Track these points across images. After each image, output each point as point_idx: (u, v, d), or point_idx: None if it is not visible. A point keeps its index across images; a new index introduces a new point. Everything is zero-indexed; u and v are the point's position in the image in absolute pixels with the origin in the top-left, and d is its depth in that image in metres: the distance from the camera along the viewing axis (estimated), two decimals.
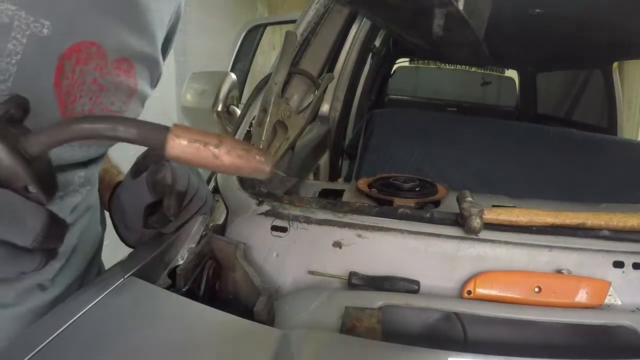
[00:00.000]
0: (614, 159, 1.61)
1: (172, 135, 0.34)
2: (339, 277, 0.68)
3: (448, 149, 1.62)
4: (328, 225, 0.71)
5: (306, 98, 0.99)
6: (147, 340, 0.47)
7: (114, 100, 0.56)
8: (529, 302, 0.63)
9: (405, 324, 0.62)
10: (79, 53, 0.49)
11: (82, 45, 0.49)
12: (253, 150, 0.35)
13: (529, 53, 2.66)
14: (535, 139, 1.69)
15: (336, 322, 0.55)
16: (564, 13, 1.60)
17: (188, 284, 0.62)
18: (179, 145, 0.34)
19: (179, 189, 0.55)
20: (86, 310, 0.48)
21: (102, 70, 0.52)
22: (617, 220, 0.68)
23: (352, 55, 1.72)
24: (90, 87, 0.52)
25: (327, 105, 1.69)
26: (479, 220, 0.67)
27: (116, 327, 0.48)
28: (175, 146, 0.34)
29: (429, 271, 0.68)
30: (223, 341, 0.48)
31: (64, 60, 0.48)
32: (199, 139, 0.34)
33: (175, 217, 0.57)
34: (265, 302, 0.55)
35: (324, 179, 1.65)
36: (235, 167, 0.35)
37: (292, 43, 0.86)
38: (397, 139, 1.67)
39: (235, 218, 0.76)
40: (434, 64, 3.94)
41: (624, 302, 0.64)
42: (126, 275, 0.55)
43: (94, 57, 0.51)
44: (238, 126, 0.93)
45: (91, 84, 0.52)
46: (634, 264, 0.66)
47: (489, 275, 0.65)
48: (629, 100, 3.80)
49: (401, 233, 0.70)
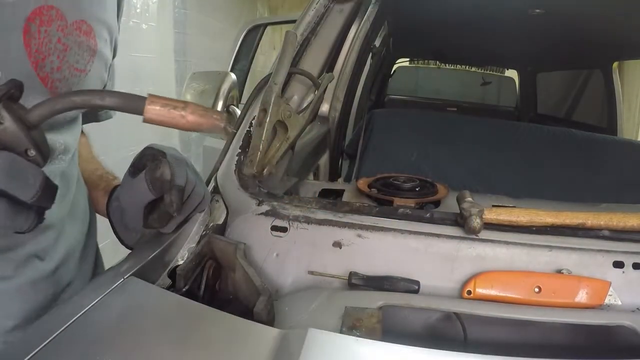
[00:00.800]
0: (614, 159, 1.61)
1: (148, 101, 0.43)
2: (339, 277, 0.68)
3: (448, 149, 1.62)
4: (328, 225, 0.71)
5: (306, 98, 0.99)
6: (147, 340, 0.47)
7: (79, 59, 0.62)
8: (529, 302, 0.63)
9: (405, 324, 0.62)
10: (41, 16, 0.56)
11: (43, 8, 0.56)
12: (210, 111, 0.45)
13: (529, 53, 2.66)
14: (535, 139, 1.69)
15: (336, 322, 0.55)
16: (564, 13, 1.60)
17: (188, 284, 0.62)
18: (153, 109, 0.43)
19: (178, 183, 0.56)
20: (86, 310, 0.48)
21: (64, 31, 0.59)
22: (617, 220, 0.68)
23: (352, 55, 1.72)
24: (56, 46, 0.58)
25: (327, 105, 1.68)
26: (479, 220, 0.67)
27: (116, 327, 0.48)
28: (150, 110, 0.43)
29: (429, 271, 0.67)
30: (223, 341, 0.48)
31: (29, 22, 0.55)
32: (169, 103, 0.44)
33: (177, 213, 0.58)
34: (265, 302, 0.55)
35: (324, 179, 1.65)
36: (197, 123, 0.44)
37: (292, 43, 0.86)
38: (397, 139, 1.67)
39: (235, 218, 0.75)
40: (434, 64, 3.94)
41: (624, 302, 0.64)
42: (126, 276, 0.55)
43: (54, 19, 0.58)
44: (238, 126, 0.93)
45: (56, 43, 0.58)
46: (634, 264, 0.66)
47: (489, 275, 0.65)
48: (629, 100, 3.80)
49: (401, 233, 0.70)
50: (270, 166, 0.84)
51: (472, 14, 1.74)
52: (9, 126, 0.41)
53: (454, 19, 1.85)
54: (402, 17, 2.04)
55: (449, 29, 2.12)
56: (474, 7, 1.65)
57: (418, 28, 2.27)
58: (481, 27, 1.96)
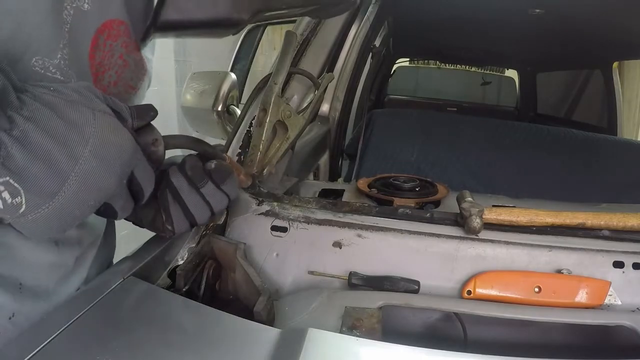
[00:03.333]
0: (614, 159, 1.61)
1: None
2: (339, 277, 0.68)
3: (448, 149, 1.63)
4: (328, 225, 0.71)
5: (306, 98, 0.99)
6: (147, 340, 0.47)
7: (133, 77, 0.62)
8: (529, 302, 0.63)
9: (405, 324, 0.62)
10: (110, 29, 0.55)
11: (114, 22, 0.55)
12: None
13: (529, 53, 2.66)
14: (535, 139, 1.69)
15: (336, 322, 0.55)
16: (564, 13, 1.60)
17: (188, 284, 0.62)
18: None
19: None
20: (86, 310, 0.48)
21: (127, 48, 0.58)
22: (617, 220, 0.68)
23: (352, 55, 1.72)
24: (117, 61, 0.58)
25: (327, 105, 1.68)
26: (479, 220, 0.67)
27: (116, 327, 0.48)
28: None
29: (429, 271, 0.67)
30: (223, 341, 0.48)
31: (98, 34, 0.53)
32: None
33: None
34: (265, 302, 0.55)
35: (324, 179, 1.65)
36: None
37: (292, 43, 0.86)
38: (397, 139, 1.67)
39: (235, 218, 0.75)
40: (434, 64, 3.94)
41: (624, 302, 0.64)
42: (126, 275, 0.55)
43: (122, 35, 0.57)
44: (238, 126, 0.93)
45: (118, 59, 0.57)
46: (634, 264, 0.66)
47: (489, 275, 0.65)
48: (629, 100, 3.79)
49: (401, 233, 0.70)
50: (270, 166, 0.84)
51: (472, 14, 1.74)
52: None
53: (454, 19, 1.86)
54: (402, 17, 2.05)
55: (449, 29, 2.12)
56: (474, 7, 1.65)
57: (418, 28, 2.27)
58: (481, 27, 1.96)
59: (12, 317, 0.52)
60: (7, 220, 0.40)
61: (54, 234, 0.43)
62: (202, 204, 0.59)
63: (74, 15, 0.50)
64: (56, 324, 0.45)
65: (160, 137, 0.52)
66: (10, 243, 0.51)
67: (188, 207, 0.59)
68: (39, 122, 0.38)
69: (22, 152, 0.37)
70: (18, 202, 0.38)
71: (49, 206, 0.40)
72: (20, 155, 0.37)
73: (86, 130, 0.41)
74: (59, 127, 0.39)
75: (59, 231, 0.43)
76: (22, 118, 0.38)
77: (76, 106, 0.41)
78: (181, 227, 0.60)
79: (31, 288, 0.54)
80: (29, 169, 0.38)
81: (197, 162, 0.60)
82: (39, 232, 0.41)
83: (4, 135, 0.37)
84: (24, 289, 0.53)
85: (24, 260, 0.53)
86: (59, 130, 0.39)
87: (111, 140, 0.43)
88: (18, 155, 0.37)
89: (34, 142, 0.38)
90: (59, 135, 0.39)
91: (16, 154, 0.37)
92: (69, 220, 0.42)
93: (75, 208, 0.41)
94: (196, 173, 0.59)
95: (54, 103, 0.40)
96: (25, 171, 0.38)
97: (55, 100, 0.40)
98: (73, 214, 0.42)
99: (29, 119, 0.38)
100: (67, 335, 0.44)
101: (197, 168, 0.59)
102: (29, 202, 0.38)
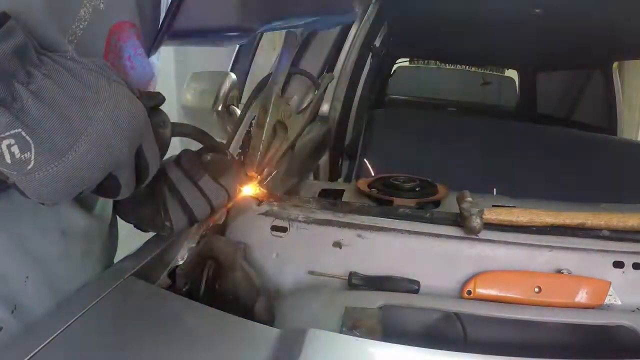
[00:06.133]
0: (614, 159, 1.61)
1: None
2: (339, 277, 0.68)
3: (448, 149, 1.63)
4: (328, 225, 0.71)
5: (306, 98, 0.99)
6: (147, 340, 0.47)
7: (140, 80, 0.61)
8: (529, 302, 0.63)
9: (405, 324, 0.62)
10: (121, 31, 0.54)
11: (125, 24, 0.54)
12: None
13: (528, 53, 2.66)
14: (535, 139, 1.69)
15: (336, 322, 0.55)
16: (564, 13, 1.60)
17: (188, 284, 0.62)
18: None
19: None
20: (86, 310, 0.48)
21: (136, 51, 0.58)
22: (617, 220, 0.68)
23: (352, 55, 1.72)
24: (125, 62, 0.57)
25: (327, 105, 1.68)
26: (478, 220, 0.67)
27: (116, 327, 0.49)
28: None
29: (429, 271, 0.67)
30: (223, 341, 0.48)
31: (111, 34, 0.53)
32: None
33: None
34: (265, 302, 0.55)
35: (324, 179, 1.65)
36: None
37: (292, 43, 0.86)
38: (397, 139, 1.67)
39: (235, 218, 0.75)
40: (434, 64, 3.94)
41: (624, 302, 0.64)
42: (126, 275, 0.55)
43: (132, 37, 0.56)
44: (238, 126, 0.93)
45: (126, 60, 0.57)
46: (634, 264, 0.66)
47: (489, 275, 0.65)
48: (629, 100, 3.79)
49: (401, 233, 0.70)
50: (271, 166, 0.84)
51: (472, 14, 1.74)
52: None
53: (454, 19, 1.86)
54: (402, 17, 2.04)
55: (449, 29, 2.12)
56: (474, 7, 1.65)
57: (418, 28, 2.27)
58: (481, 27, 1.96)
59: (14, 311, 0.51)
60: (12, 179, 0.40)
61: (58, 198, 0.43)
62: (199, 197, 0.59)
63: (91, 14, 0.50)
64: (56, 324, 0.45)
65: (169, 119, 0.52)
66: (18, 232, 0.51)
67: (186, 200, 0.59)
68: (57, 80, 0.39)
69: (38, 106, 0.38)
70: (27, 157, 0.38)
71: (58, 164, 0.39)
72: (35, 108, 0.38)
73: (102, 93, 0.41)
74: (75, 87, 0.40)
75: (63, 195, 0.42)
76: (40, 74, 0.38)
77: (93, 73, 0.42)
78: (180, 224, 0.60)
79: (36, 281, 0.54)
80: (43, 123, 0.38)
81: (194, 155, 0.60)
82: (44, 194, 0.41)
83: (22, 88, 0.37)
84: (29, 282, 0.53)
85: (29, 251, 0.53)
86: (75, 89, 0.40)
87: (125, 107, 0.43)
88: (33, 108, 0.37)
89: (51, 98, 0.38)
90: (75, 94, 0.40)
91: (32, 107, 0.37)
92: (75, 182, 0.42)
93: (83, 169, 0.41)
94: (192, 165, 0.59)
95: (72, 67, 0.41)
96: (39, 125, 0.38)
97: (73, 65, 0.41)
98: (81, 176, 0.42)
99: (47, 76, 0.39)
100: (68, 335, 0.44)
101: (193, 161, 0.59)
102: (38, 159, 0.38)
